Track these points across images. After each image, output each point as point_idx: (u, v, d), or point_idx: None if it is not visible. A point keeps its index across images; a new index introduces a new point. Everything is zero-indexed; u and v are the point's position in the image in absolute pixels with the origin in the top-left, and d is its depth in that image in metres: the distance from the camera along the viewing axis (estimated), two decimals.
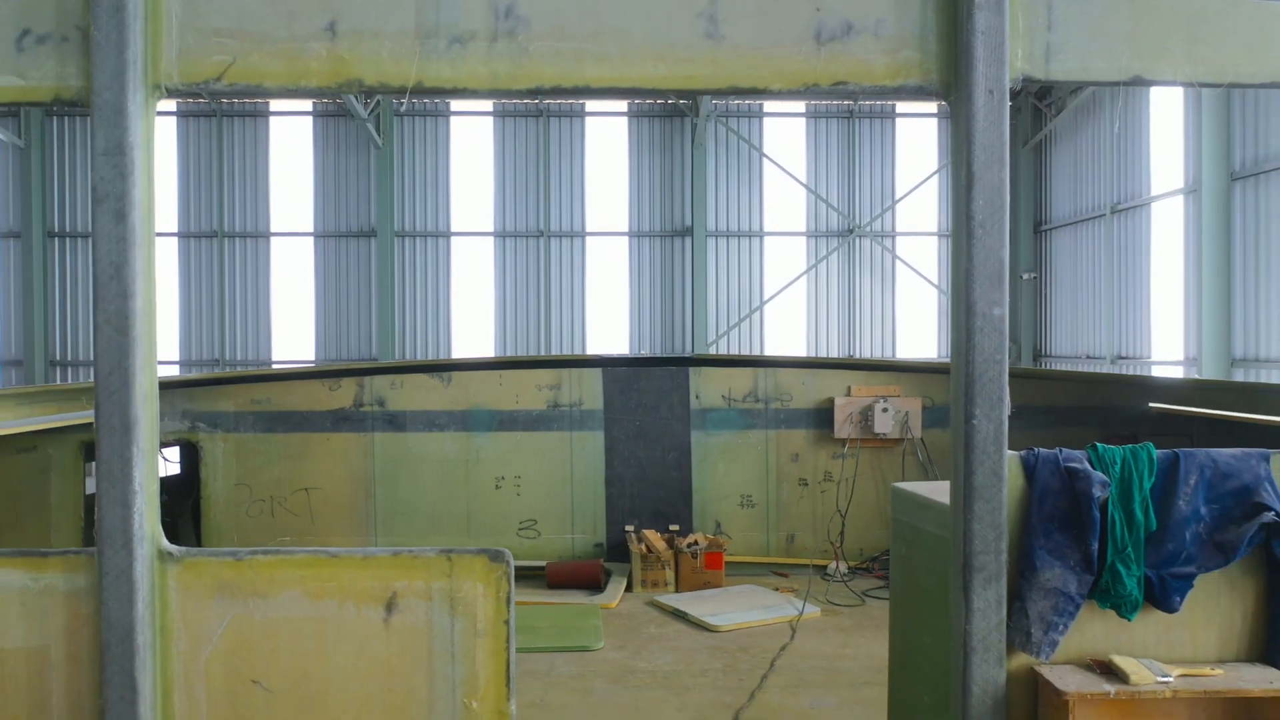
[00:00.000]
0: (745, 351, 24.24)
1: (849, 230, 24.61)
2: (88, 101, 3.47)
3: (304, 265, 24.76)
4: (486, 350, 24.73)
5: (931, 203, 24.93)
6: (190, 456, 9.51)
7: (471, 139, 24.82)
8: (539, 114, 24.41)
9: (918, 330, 25.16)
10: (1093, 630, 3.66)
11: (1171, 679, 3.47)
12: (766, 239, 24.87)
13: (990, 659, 3.56)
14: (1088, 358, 22.08)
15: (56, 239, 24.33)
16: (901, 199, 24.62)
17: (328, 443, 9.47)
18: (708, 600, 8.32)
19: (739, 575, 9.20)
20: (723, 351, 23.99)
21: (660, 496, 9.53)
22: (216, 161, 24.43)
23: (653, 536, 9.07)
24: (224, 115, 24.35)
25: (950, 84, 3.56)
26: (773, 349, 24.77)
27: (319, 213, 24.61)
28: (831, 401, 9.50)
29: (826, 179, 24.88)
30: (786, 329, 24.94)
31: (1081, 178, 22.54)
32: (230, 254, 24.48)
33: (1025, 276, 24.52)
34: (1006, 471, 3.53)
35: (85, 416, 8.99)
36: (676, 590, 8.73)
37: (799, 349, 24.63)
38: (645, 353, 24.03)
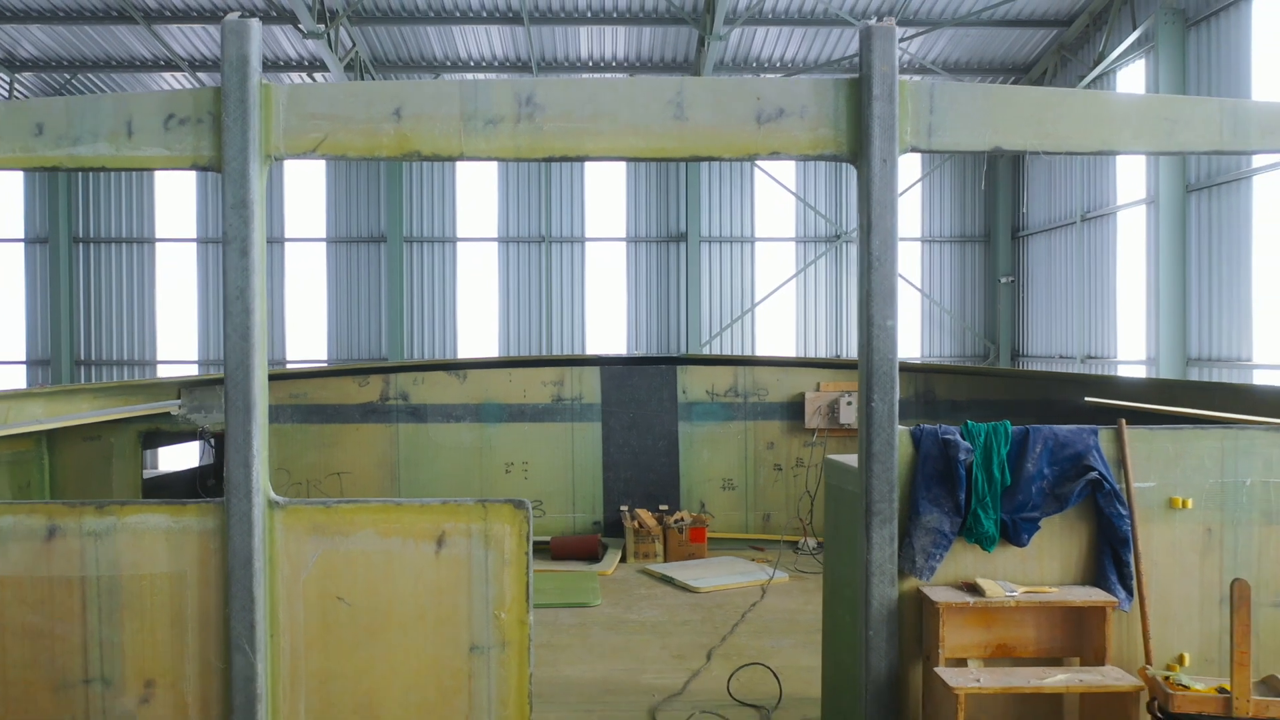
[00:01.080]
0: (738, 351, 25.47)
1: (836, 236, 25.82)
2: (219, 168, 4.70)
3: (316, 269, 25.99)
4: (490, 349, 25.95)
5: (914, 210, 26.15)
6: None
7: None
8: None
9: (902, 330, 26.34)
10: (964, 560, 4.88)
11: (1017, 594, 4.70)
12: (757, 244, 26.09)
13: (885, 581, 4.79)
14: (1060, 357, 23.32)
15: (81, 244, 25.56)
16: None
17: (357, 432, 10.70)
18: (691, 568, 9.55)
19: (720, 549, 10.43)
20: (716, 351, 25.23)
21: (651, 480, 10.76)
22: None
23: (644, 514, 10.30)
24: None
25: (856, 153, 4.79)
26: (764, 349, 25.99)
27: (331, 219, 25.83)
28: (803, 396, 10.73)
29: (814, 187, 26.10)
30: (777, 330, 26.17)
31: (1055, 187, 23.77)
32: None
33: (1003, 280, 25.75)
34: (897, 441, 4.76)
35: (142, 409, 10.22)
36: (665, 560, 9.96)
37: (789, 349, 25.86)
38: (642, 352, 25.24)
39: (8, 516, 4.72)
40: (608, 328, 26.07)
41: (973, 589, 4.77)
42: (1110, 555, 4.82)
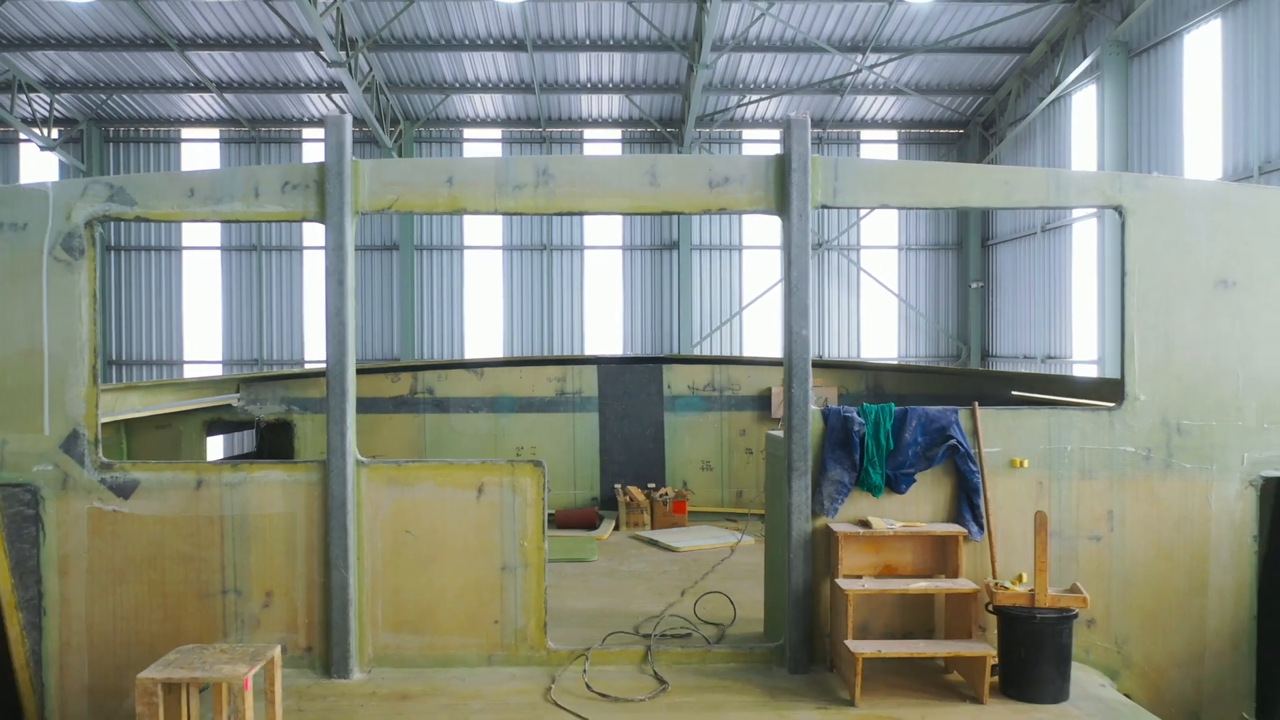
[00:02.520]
0: (727, 352, 27.30)
1: (819, 244, 27.67)
2: (322, 220, 6.50)
3: None
4: (495, 349, 27.80)
5: (891, 219, 28.00)
6: (286, 432, 12.53)
7: None
8: (543, 140, 27.45)
9: (880, 332, 28.23)
10: (860, 504, 6.70)
11: (896, 527, 6.52)
12: (745, 252, 27.94)
13: (803, 519, 6.60)
14: (1024, 357, 25.16)
15: (113, 252, 27.34)
16: (865, 216, 27.68)
17: (390, 421, 12.51)
18: (673, 534, 11.37)
19: (698, 520, 12.24)
20: (706, 352, 27.06)
21: (641, 462, 12.58)
22: None
23: (635, 491, 12.12)
24: (261, 142, 27.38)
25: (781, 209, 6.60)
26: (751, 350, 27.82)
27: None
28: (770, 390, 12.54)
29: None
30: (763, 332, 28.01)
31: None
32: (268, 266, 27.52)
33: (974, 285, 27.61)
34: (811, 418, 6.58)
35: (206, 401, 12.02)
36: (651, 528, 11.78)
37: (775, 350, 27.67)
38: (637, 352, 27.07)
39: (168, 472, 6.53)
40: (605, 329, 27.91)
41: (865, 524, 6.60)
42: (966, 500, 6.65)
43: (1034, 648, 5.95)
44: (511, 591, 6.62)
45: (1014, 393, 12.28)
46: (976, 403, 6.78)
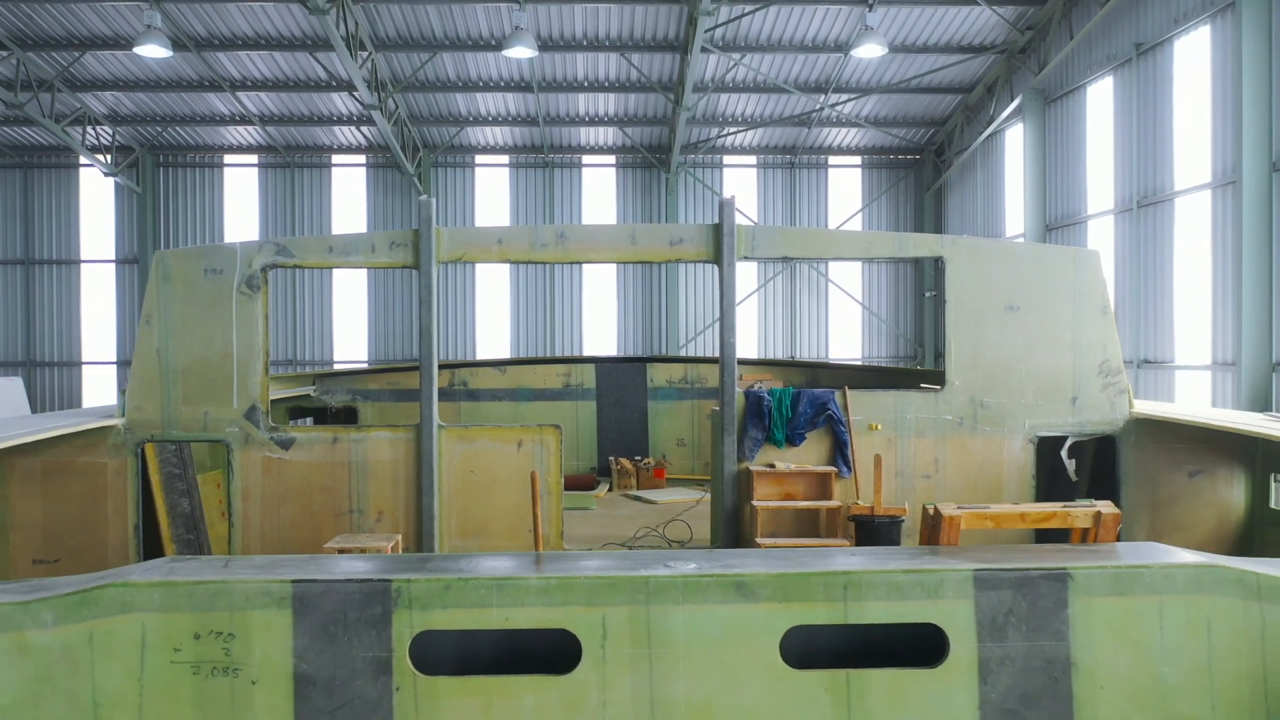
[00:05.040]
0: (708, 353, 30.74)
1: (792, 259, 31.07)
2: (416, 267, 9.93)
3: (359, 284, 31.23)
4: (503, 350, 31.22)
5: None
6: (351, 415, 15.94)
7: (492, 185, 31.34)
8: (546, 165, 30.90)
9: (846, 336, 31.69)
10: (770, 454, 10.14)
11: (792, 467, 9.98)
12: None
13: (731, 464, 10.05)
14: None
15: None
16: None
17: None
18: (654, 493, 14.81)
19: (674, 484, 15.69)
20: (690, 353, 30.50)
21: (629, 439, 16.01)
22: (289, 201, 30.88)
23: (624, 461, 15.55)
24: (295, 167, 30.80)
25: (718, 259, 10.05)
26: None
27: None
28: None
29: (772, 216, 31.39)
30: (741, 336, 31.44)
31: (967, 217, 29.11)
32: (300, 275, 30.91)
33: (928, 295, 31.08)
34: (736, 397, 10.03)
35: (289, 392, 15.42)
36: (637, 489, 15.23)
37: (750, 352, 31.12)
38: (630, 352, 30.51)
39: (314, 433, 9.95)
40: (602, 332, 31.35)
41: (772, 466, 10.04)
42: (839, 451, 10.09)
43: (873, 541, 9.40)
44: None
45: (922, 385, 15.68)
46: (846, 387, 10.24)
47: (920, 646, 4.42)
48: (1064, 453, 10.81)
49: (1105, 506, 5.95)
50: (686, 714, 4.26)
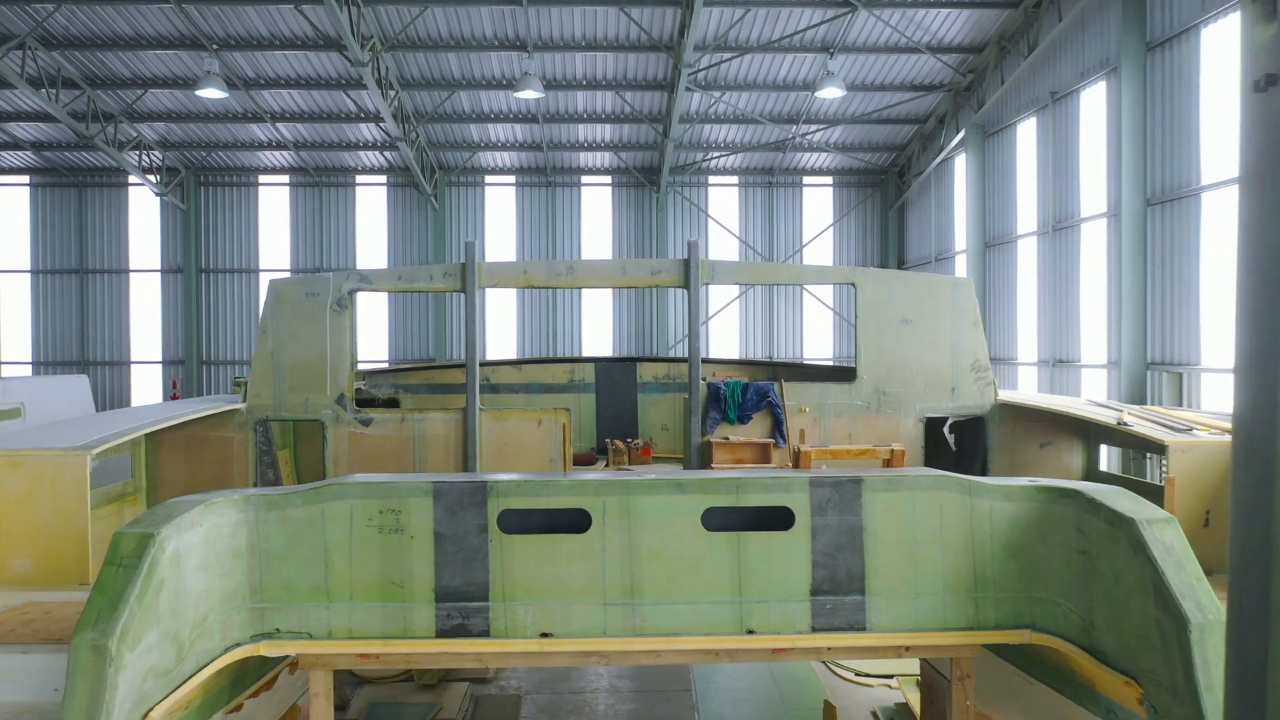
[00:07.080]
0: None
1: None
2: (463, 290, 13.39)
3: (380, 295, 34.64)
4: (509, 350, 34.68)
5: (828, 247, 34.95)
6: (395, 405, 19.37)
7: (501, 202, 34.82)
8: (549, 185, 34.36)
9: (819, 338, 35.17)
10: (725, 430, 13.62)
11: (741, 439, 13.47)
12: None
13: (696, 437, 13.54)
14: None
15: (205, 274, 34.16)
16: (808, 244, 34.59)
17: (460, 399, 19.39)
18: (641, 468, 18.30)
19: (660, 462, 19.17)
20: (678, 354, 33.98)
21: (622, 425, 19.50)
22: (317, 217, 34.31)
23: (619, 443, 19.02)
24: (323, 186, 34.23)
25: (687, 285, 13.52)
26: (716, 352, 34.71)
27: (391, 254, 34.51)
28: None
29: (753, 230, 34.87)
30: (721, 338, 34.91)
31: (924, 232, 32.61)
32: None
33: None
34: (701, 387, 13.51)
35: None
36: (629, 465, 18.71)
37: (733, 353, 34.59)
38: (624, 352, 33.99)
39: (388, 414, 13.41)
40: (600, 335, 34.82)
41: (727, 439, 13.52)
42: (777, 427, 13.57)
43: None
44: (555, 473, 13.50)
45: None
46: (782, 380, 13.74)
47: (779, 519, 7.89)
48: (945, 429, 14.33)
49: (897, 446, 9.48)
50: (649, 555, 7.72)
